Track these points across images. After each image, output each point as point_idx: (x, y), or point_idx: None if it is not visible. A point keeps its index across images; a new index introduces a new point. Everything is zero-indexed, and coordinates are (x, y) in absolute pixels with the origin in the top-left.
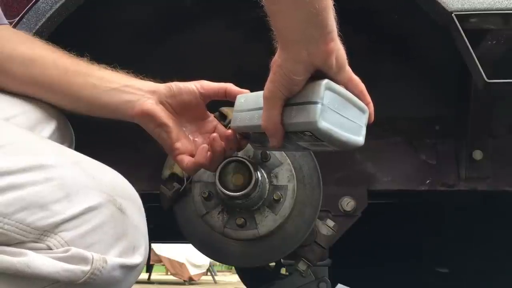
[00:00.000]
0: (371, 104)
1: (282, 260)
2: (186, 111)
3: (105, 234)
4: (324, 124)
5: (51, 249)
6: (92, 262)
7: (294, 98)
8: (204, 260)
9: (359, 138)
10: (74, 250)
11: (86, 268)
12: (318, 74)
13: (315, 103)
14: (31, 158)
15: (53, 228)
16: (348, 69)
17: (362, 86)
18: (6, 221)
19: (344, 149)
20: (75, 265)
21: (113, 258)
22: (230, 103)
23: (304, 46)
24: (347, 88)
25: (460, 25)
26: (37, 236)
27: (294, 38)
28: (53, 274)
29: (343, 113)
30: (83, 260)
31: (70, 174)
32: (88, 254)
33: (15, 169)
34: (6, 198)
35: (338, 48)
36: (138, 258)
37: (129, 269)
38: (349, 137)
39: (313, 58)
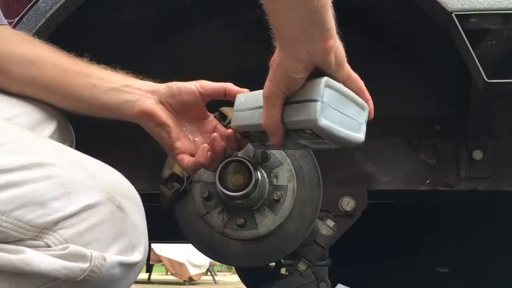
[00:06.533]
0: (371, 101)
1: (282, 260)
2: (186, 111)
3: (104, 232)
4: (324, 121)
5: (49, 246)
6: (91, 259)
7: (294, 96)
8: (204, 260)
9: (360, 135)
10: (72, 248)
11: (85, 265)
12: (317, 72)
13: (315, 101)
14: (30, 156)
15: (52, 226)
16: (347, 66)
17: (361, 83)
18: (4, 218)
19: (344, 147)
20: (73, 262)
21: (112, 256)
22: (230, 103)
23: (303, 44)
24: (346, 86)
25: (460, 25)
26: (36, 234)
27: (293, 36)
28: (51, 271)
29: (343, 111)
30: (81, 257)
31: (70, 172)
32: (86, 251)
33: (15, 167)
34: (4, 195)
35: (337, 46)
36: (137, 256)
37: (128, 267)
38: (349, 134)
39: (312, 56)
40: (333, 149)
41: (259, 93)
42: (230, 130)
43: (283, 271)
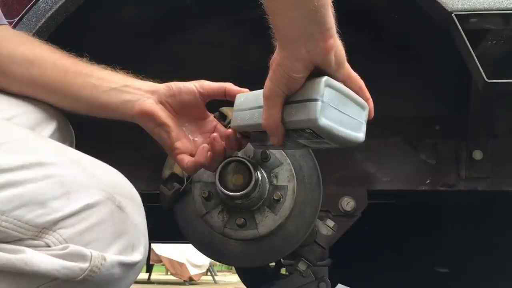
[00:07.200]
0: (371, 100)
1: (282, 260)
2: (186, 110)
3: (104, 231)
4: (325, 121)
5: (49, 246)
6: (91, 259)
7: (294, 96)
8: (204, 260)
9: (360, 134)
10: (72, 247)
11: (85, 265)
12: (317, 72)
13: (315, 100)
14: (30, 156)
15: (52, 225)
16: (347, 65)
17: (361, 83)
18: (4, 218)
19: (345, 146)
20: (73, 262)
21: (112, 256)
22: (230, 103)
23: (304, 44)
24: (346, 85)
25: (460, 25)
26: (36, 233)
27: (293, 36)
28: (51, 271)
29: (343, 110)
30: (81, 257)
31: (70, 172)
32: (86, 251)
33: (14, 166)
34: (4, 195)
35: (337, 45)
36: (137, 256)
37: (128, 267)
38: (349, 134)
39: (312, 55)
40: (333, 149)
41: (259, 93)
42: (230, 130)
43: (283, 271)
